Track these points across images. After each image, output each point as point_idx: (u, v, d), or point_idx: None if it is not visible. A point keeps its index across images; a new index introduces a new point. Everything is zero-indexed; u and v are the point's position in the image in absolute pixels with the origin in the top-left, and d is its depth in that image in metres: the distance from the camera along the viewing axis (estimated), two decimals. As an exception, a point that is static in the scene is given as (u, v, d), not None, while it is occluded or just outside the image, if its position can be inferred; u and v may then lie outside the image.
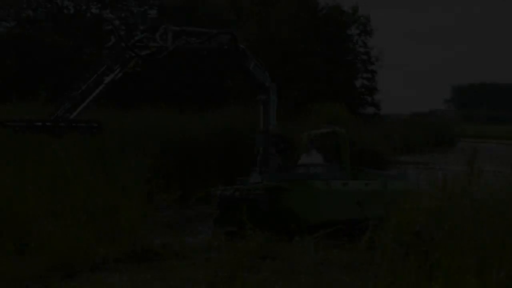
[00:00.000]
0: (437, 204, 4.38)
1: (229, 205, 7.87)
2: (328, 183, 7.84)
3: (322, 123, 10.43)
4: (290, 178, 8.11)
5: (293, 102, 29.65)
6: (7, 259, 5.05)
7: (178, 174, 12.64)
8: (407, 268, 3.94)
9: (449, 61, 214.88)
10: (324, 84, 31.95)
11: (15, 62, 36.82)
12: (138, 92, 40.24)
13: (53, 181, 7.40)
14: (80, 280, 5.10)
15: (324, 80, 32.44)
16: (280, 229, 7.22)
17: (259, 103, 8.66)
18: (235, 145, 14.44)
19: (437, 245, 3.98)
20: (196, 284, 4.85)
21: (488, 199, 4.28)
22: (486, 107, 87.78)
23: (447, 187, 4.58)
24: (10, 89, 36.04)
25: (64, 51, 37.05)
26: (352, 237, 5.84)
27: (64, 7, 41.26)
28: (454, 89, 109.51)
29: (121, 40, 7.16)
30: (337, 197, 7.80)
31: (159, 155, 9.32)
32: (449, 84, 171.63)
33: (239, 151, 14.29)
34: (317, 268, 4.80)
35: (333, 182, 8.01)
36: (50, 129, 7.06)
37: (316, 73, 32.03)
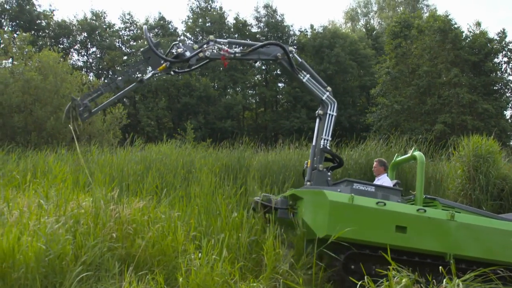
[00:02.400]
0: None
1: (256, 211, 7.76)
2: (352, 198, 6.84)
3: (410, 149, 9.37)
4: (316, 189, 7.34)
5: (437, 135, 28.55)
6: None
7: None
8: None
9: None
10: (470, 116, 30.45)
11: (166, 104, 39.51)
12: (277, 129, 41.24)
13: (199, 216, 7.74)
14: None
15: (470, 111, 30.93)
16: (298, 238, 6.84)
17: (317, 117, 8.31)
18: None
19: None
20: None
21: None
22: None
23: None
24: (161, 129, 38.67)
25: (208, 92, 39.20)
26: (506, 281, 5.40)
27: (210, 52, 43.70)
28: None
29: (150, 45, 7.54)
30: (364, 214, 6.83)
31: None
32: None
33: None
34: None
35: (361, 197, 7.01)
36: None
37: (460, 105, 30.65)
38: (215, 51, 7.83)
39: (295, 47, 43.85)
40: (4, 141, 19.40)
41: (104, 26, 42.45)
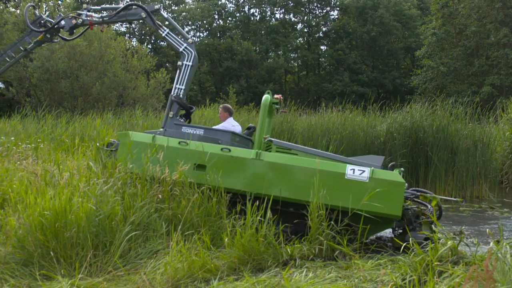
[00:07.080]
0: None
1: None
2: (155, 138, 7.26)
3: None
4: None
5: (484, 97, 27.83)
6: (204, 252, 5.45)
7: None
8: None
9: None
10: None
11: (208, 68, 39.61)
12: (320, 92, 40.92)
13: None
14: (269, 274, 5.33)
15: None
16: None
17: (177, 68, 8.57)
18: (420, 144, 13.92)
19: None
20: (382, 286, 4.76)
21: None
22: None
23: None
24: (203, 93, 38.85)
25: (250, 55, 39.06)
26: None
27: (251, 15, 43.40)
28: None
29: (26, 20, 8.87)
30: (165, 153, 7.10)
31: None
32: None
33: (423, 151, 13.78)
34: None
35: (164, 138, 7.35)
36: None
37: (509, 66, 29.68)
38: (86, 18, 8.72)
39: (337, 8, 43.07)
40: (52, 106, 19.92)
41: (146, -9, 42.57)
